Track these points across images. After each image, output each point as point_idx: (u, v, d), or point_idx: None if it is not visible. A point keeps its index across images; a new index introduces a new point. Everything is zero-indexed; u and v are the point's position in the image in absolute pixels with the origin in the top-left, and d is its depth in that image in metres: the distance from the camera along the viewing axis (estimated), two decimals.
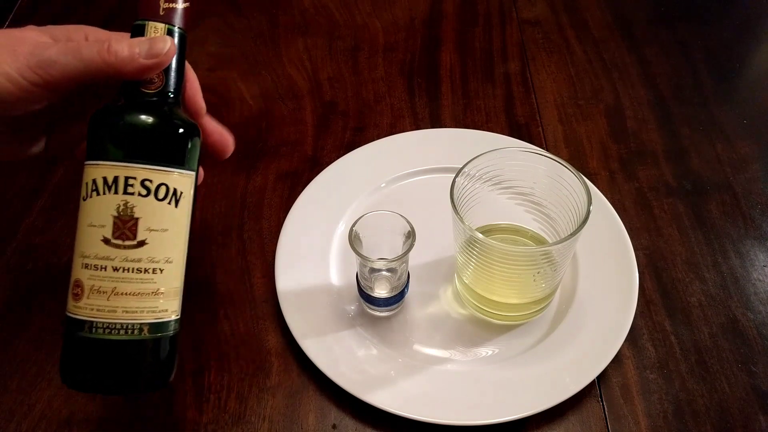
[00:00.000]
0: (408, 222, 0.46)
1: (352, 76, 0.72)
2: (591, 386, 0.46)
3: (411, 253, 0.45)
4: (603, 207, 0.55)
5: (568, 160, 0.50)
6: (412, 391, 0.45)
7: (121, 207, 0.36)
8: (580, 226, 0.42)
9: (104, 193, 0.36)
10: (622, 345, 0.46)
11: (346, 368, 0.46)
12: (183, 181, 0.38)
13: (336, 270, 0.53)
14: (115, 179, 0.36)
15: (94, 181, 0.36)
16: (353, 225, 0.46)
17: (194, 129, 0.39)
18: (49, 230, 0.57)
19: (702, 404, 0.45)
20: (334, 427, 0.45)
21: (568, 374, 0.45)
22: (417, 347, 0.48)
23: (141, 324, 0.37)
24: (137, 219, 0.36)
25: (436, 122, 0.67)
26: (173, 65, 0.38)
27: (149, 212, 0.36)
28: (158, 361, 0.38)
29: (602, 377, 0.46)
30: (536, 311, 0.49)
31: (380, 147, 0.62)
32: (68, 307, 0.37)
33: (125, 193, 0.36)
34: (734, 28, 0.78)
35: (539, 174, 0.47)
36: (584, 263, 0.52)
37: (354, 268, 0.50)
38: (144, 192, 0.36)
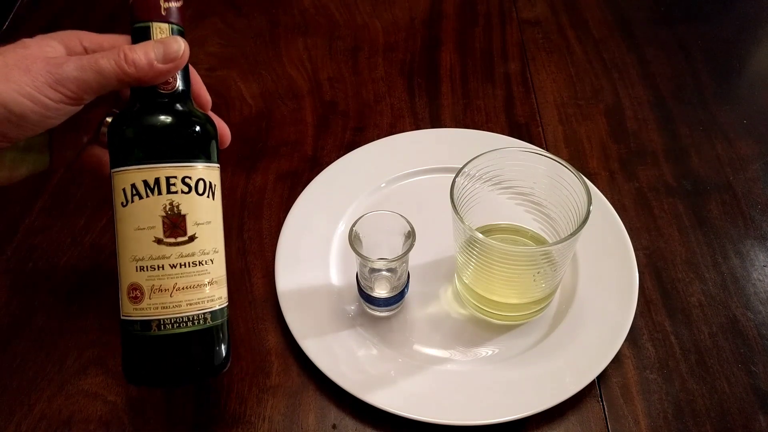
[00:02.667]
0: (408, 222, 0.46)
1: (352, 76, 0.72)
2: (591, 386, 0.46)
3: (411, 253, 0.45)
4: (603, 207, 0.55)
5: (568, 160, 0.50)
6: (412, 391, 0.45)
7: (168, 206, 0.37)
8: (580, 226, 0.42)
9: (147, 196, 0.37)
10: (622, 345, 0.46)
11: (346, 368, 0.46)
12: (214, 173, 0.40)
13: (336, 270, 0.53)
14: (157, 181, 0.37)
15: (133, 185, 0.37)
16: (353, 225, 0.46)
17: (212, 123, 0.41)
18: (49, 230, 0.58)
19: (702, 404, 0.45)
20: (334, 427, 0.45)
21: (568, 374, 0.45)
22: (417, 347, 0.48)
23: (204, 313, 0.39)
24: (185, 215, 0.37)
25: (436, 122, 0.67)
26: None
27: (194, 207, 0.38)
28: (223, 344, 0.41)
29: (602, 377, 0.46)
30: (536, 311, 0.49)
31: (380, 147, 0.62)
32: (126, 310, 0.38)
33: (169, 192, 0.37)
34: (734, 28, 0.78)
35: (539, 174, 0.47)
36: (584, 263, 0.52)
37: (354, 268, 0.50)
38: (186, 189, 0.37)
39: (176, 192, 0.37)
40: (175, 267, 0.38)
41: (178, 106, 0.39)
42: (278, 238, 0.54)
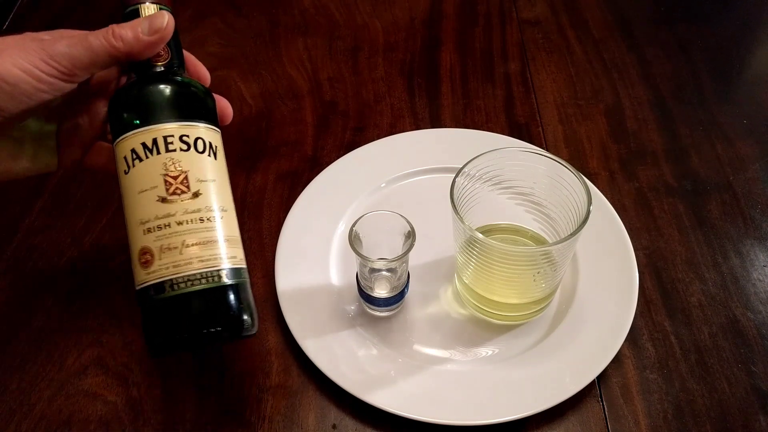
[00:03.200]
0: (408, 222, 0.46)
1: (352, 76, 0.72)
2: (591, 386, 0.46)
3: (411, 253, 0.45)
4: (603, 207, 0.55)
5: (568, 160, 0.50)
6: (412, 391, 0.45)
7: (168, 164, 0.37)
8: (580, 226, 0.42)
9: (147, 157, 0.37)
10: (622, 345, 0.46)
11: (346, 368, 0.46)
12: (214, 135, 0.40)
13: (336, 270, 0.53)
14: (155, 141, 0.37)
15: (133, 150, 0.37)
16: (353, 225, 0.46)
17: (208, 90, 0.42)
18: (49, 230, 0.58)
19: (702, 404, 0.45)
20: (334, 427, 0.45)
21: (568, 374, 0.45)
22: (417, 347, 0.48)
23: (219, 270, 0.37)
24: (186, 172, 0.37)
25: (436, 122, 0.67)
26: (172, 39, 0.41)
27: (195, 164, 0.38)
28: (245, 305, 0.39)
29: (602, 377, 0.46)
30: (536, 311, 0.49)
31: (380, 147, 0.62)
32: (139, 278, 0.37)
33: (168, 151, 0.37)
34: (734, 28, 0.78)
35: (539, 174, 0.47)
36: (584, 263, 0.52)
37: (354, 268, 0.50)
38: (184, 147, 0.38)
39: (174, 150, 0.37)
40: (181, 224, 0.37)
41: (171, 76, 0.41)
42: (278, 238, 0.54)
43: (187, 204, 0.37)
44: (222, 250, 0.38)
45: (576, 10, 0.81)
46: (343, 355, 0.47)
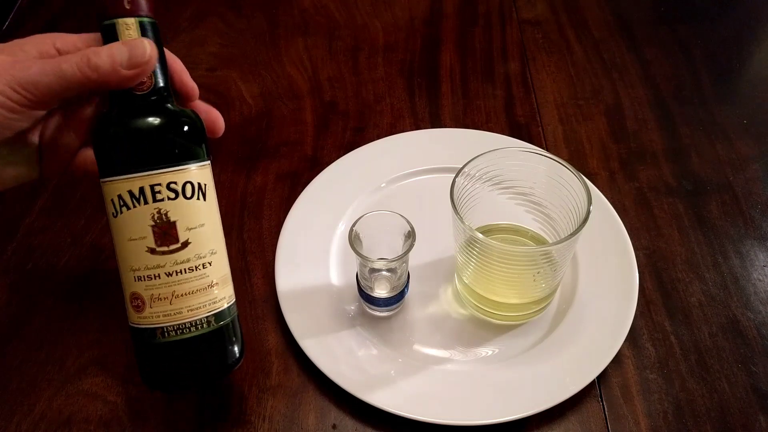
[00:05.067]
0: (408, 222, 0.46)
1: (352, 76, 0.72)
2: (591, 386, 0.46)
3: (411, 253, 0.45)
4: (603, 207, 0.55)
5: (568, 160, 0.50)
6: (412, 391, 0.45)
7: (156, 215, 0.36)
8: (580, 226, 0.42)
9: (135, 206, 0.36)
10: (622, 345, 0.46)
11: (346, 368, 0.46)
12: (203, 173, 0.38)
13: (336, 270, 0.53)
14: (141, 190, 0.36)
15: (120, 197, 0.36)
16: (353, 225, 0.46)
17: (197, 118, 0.39)
18: (49, 230, 0.58)
19: (702, 404, 0.45)
20: (334, 427, 0.45)
21: (568, 374, 0.45)
22: (417, 347, 0.48)
23: (207, 317, 0.38)
24: (175, 222, 0.37)
25: (436, 122, 0.67)
26: (157, 63, 0.37)
27: (183, 213, 0.37)
28: (234, 342, 0.41)
29: (602, 377, 0.46)
30: (536, 311, 0.49)
31: (380, 147, 0.62)
32: (132, 318, 0.39)
33: (155, 201, 0.36)
34: (734, 28, 0.78)
35: (539, 174, 0.47)
36: (584, 263, 0.52)
37: (354, 268, 0.50)
38: (172, 195, 0.36)
39: (162, 199, 0.36)
40: (171, 275, 0.37)
41: (158, 107, 0.38)
42: (278, 238, 0.54)
43: (177, 255, 0.37)
44: (211, 296, 0.39)
45: (576, 10, 0.81)
46: (343, 355, 0.47)
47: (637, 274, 0.50)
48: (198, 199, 0.38)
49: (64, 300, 0.52)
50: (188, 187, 0.37)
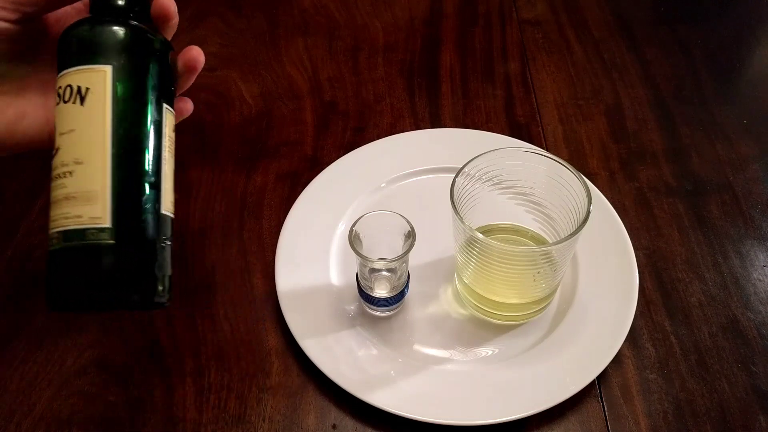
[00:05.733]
0: (408, 222, 0.46)
1: (352, 76, 0.72)
2: (591, 386, 0.46)
3: (411, 253, 0.45)
4: (603, 207, 0.55)
5: (568, 160, 0.50)
6: (412, 391, 0.45)
7: (52, 120, 0.36)
8: (580, 226, 0.42)
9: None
10: (622, 345, 0.46)
11: (346, 368, 0.46)
12: (92, 76, 0.35)
13: (336, 270, 0.53)
14: (57, 91, 0.35)
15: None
16: (353, 225, 0.46)
17: (115, 22, 0.36)
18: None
19: (702, 404, 0.45)
20: (334, 427, 0.45)
21: (568, 374, 0.45)
22: (417, 347, 0.48)
23: (59, 232, 0.34)
24: (54, 127, 0.35)
25: (436, 122, 0.67)
26: None
27: (59, 118, 0.35)
28: (128, 270, 0.34)
29: (602, 377, 0.46)
30: (536, 311, 0.49)
31: (380, 147, 0.62)
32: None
33: (56, 105, 0.35)
34: (734, 28, 0.78)
35: (539, 174, 0.47)
36: (584, 263, 0.52)
37: (354, 268, 0.50)
38: (57, 100, 0.35)
39: (58, 104, 0.35)
40: (53, 180, 0.35)
41: (110, 17, 0.36)
42: (278, 238, 0.54)
43: (52, 162, 0.35)
44: (65, 209, 0.34)
45: (576, 10, 0.81)
46: (343, 355, 0.47)
47: (637, 274, 0.50)
48: (74, 103, 0.35)
49: None
50: (67, 90, 0.35)
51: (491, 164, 0.47)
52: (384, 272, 0.48)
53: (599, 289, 0.50)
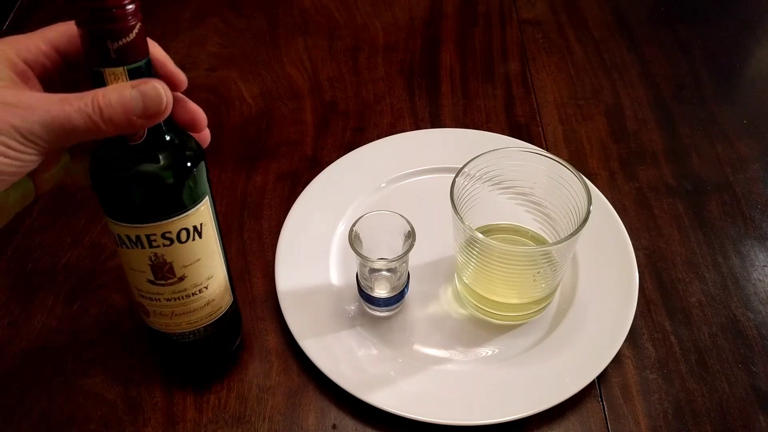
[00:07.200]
0: (408, 222, 0.46)
1: (352, 76, 0.72)
2: (591, 386, 0.46)
3: (411, 253, 0.45)
4: (603, 207, 0.55)
5: (568, 160, 0.50)
6: (412, 391, 0.45)
7: (153, 257, 0.37)
8: (580, 226, 0.42)
9: (133, 248, 0.37)
10: (622, 345, 0.46)
11: (346, 368, 0.46)
12: (200, 213, 0.38)
13: (336, 270, 0.53)
14: (138, 238, 0.37)
15: (119, 236, 0.37)
16: (353, 225, 0.46)
17: (197, 155, 0.37)
18: (49, 230, 0.57)
19: (702, 404, 0.45)
20: (334, 427, 0.45)
21: (568, 374, 0.45)
22: (417, 347, 0.48)
23: (204, 327, 0.43)
24: (171, 263, 0.38)
25: (436, 122, 0.67)
26: None
27: (178, 255, 0.38)
28: (230, 336, 0.47)
29: (602, 377, 0.46)
30: (536, 311, 0.49)
31: (380, 147, 0.62)
32: (144, 318, 0.43)
33: (151, 247, 0.37)
34: (734, 28, 0.78)
35: (539, 174, 0.47)
36: (584, 263, 0.52)
37: (354, 268, 0.50)
38: (167, 242, 0.37)
39: (158, 246, 0.37)
40: (170, 300, 0.40)
41: (151, 149, 0.34)
42: (278, 238, 0.54)
43: (174, 287, 0.39)
44: (208, 311, 0.42)
45: (576, 10, 0.81)
46: (343, 355, 0.47)
47: (637, 274, 0.50)
48: (194, 239, 0.38)
49: (64, 300, 0.52)
50: (183, 233, 0.37)
51: (491, 164, 0.47)
52: (384, 272, 0.48)
53: (599, 289, 0.50)
